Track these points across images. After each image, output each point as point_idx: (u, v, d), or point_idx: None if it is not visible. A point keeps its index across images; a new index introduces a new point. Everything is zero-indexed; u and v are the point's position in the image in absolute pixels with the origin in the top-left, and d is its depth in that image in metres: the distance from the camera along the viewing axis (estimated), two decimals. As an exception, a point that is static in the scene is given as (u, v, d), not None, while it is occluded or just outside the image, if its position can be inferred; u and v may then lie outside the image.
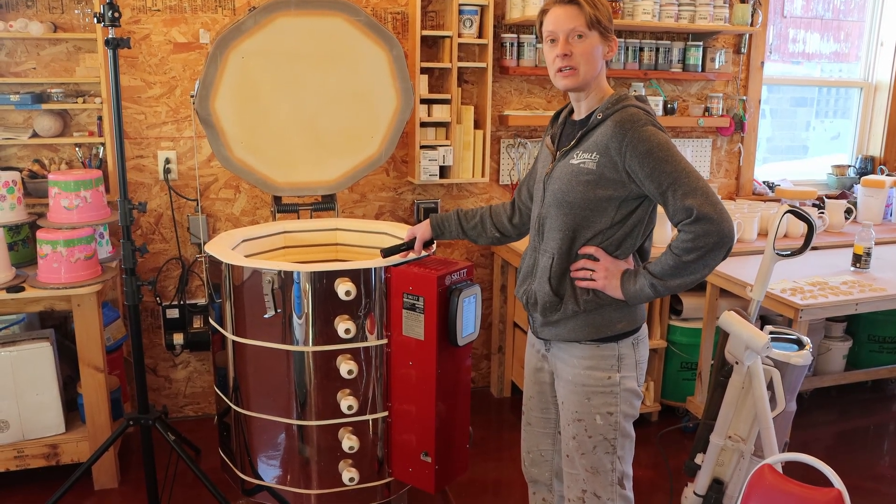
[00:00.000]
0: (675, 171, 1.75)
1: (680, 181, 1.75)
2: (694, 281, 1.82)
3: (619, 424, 1.98)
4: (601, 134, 1.84)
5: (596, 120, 1.87)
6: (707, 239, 1.73)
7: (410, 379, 2.36)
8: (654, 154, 1.76)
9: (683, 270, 1.79)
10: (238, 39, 2.77)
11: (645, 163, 1.77)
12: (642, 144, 1.77)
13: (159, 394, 3.58)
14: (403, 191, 3.70)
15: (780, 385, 2.37)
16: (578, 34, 1.84)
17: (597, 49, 1.86)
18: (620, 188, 1.84)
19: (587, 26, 1.84)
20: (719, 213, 1.73)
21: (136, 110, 3.30)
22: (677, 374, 3.65)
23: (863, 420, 3.83)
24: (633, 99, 1.88)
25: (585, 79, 1.87)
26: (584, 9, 1.83)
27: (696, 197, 1.74)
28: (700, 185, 1.75)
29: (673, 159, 1.76)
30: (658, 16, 3.58)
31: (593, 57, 1.86)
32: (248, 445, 2.51)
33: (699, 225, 1.73)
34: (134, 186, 3.36)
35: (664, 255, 1.82)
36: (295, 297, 2.30)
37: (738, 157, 4.23)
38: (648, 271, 1.84)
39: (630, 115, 1.81)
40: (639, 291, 1.85)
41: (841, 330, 4.00)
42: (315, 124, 2.99)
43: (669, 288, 1.82)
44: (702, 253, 1.75)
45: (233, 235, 2.70)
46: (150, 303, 3.45)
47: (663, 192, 1.77)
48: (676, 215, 1.77)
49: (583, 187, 1.86)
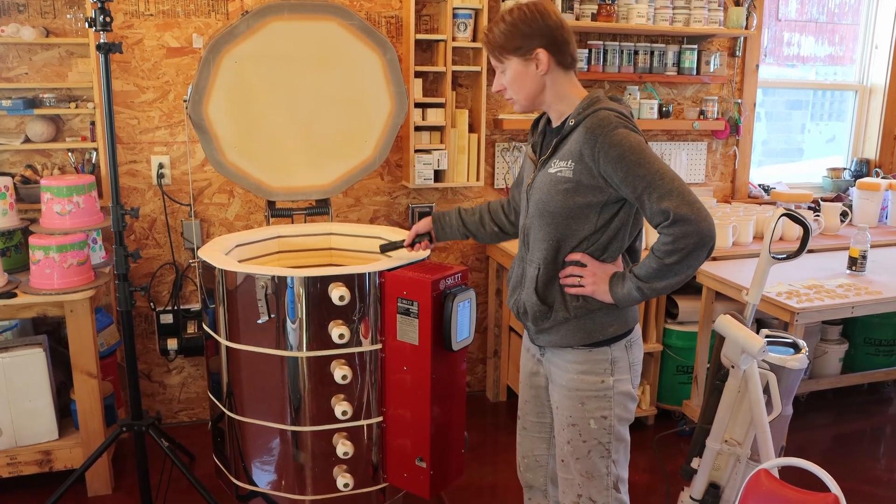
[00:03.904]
0: (648, 173, 1.74)
1: (654, 184, 1.73)
2: (680, 282, 1.81)
3: (613, 428, 1.96)
4: (574, 141, 1.83)
5: (569, 126, 1.86)
6: (686, 240, 1.72)
7: (405, 384, 2.35)
8: (626, 158, 1.74)
9: (667, 272, 1.78)
10: (231, 43, 2.76)
11: (618, 167, 1.75)
12: (614, 149, 1.75)
13: (154, 399, 3.56)
14: (398, 195, 3.69)
15: (777, 389, 2.37)
16: (499, 70, 1.91)
17: (519, 74, 1.87)
18: (599, 193, 1.82)
19: (497, 60, 1.89)
20: (696, 213, 1.71)
21: (129, 115, 3.29)
22: (673, 378, 3.64)
23: (859, 423, 3.83)
24: (605, 101, 1.86)
25: (525, 102, 1.92)
26: (488, 46, 1.90)
27: (671, 199, 1.72)
28: (675, 186, 1.73)
29: (646, 161, 1.74)
30: (653, 19, 3.58)
31: (521, 82, 1.88)
32: (241, 451, 2.50)
33: (677, 227, 1.72)
34: (127, 191, 3.35)
35: (648, 258, 1.81)
36: (288, 302, 2.29)
37: (733, 161, 4.23)
38: (634, 274, 1.83)
39: (601, 118, 1.79)
40: (627, 294, 1.84)
41: (837, 333, 4.00)
42: (309, 129, 2.97)
43: (655, 290, 1.82)
44: (683, 255, 1.74)
45: (226, 240, 2.69)
46: (144, 308, 3.44)
47: (639, 196, 1.76)
48: (654, 218, 1.76)
49: (562, 196, 1.85)
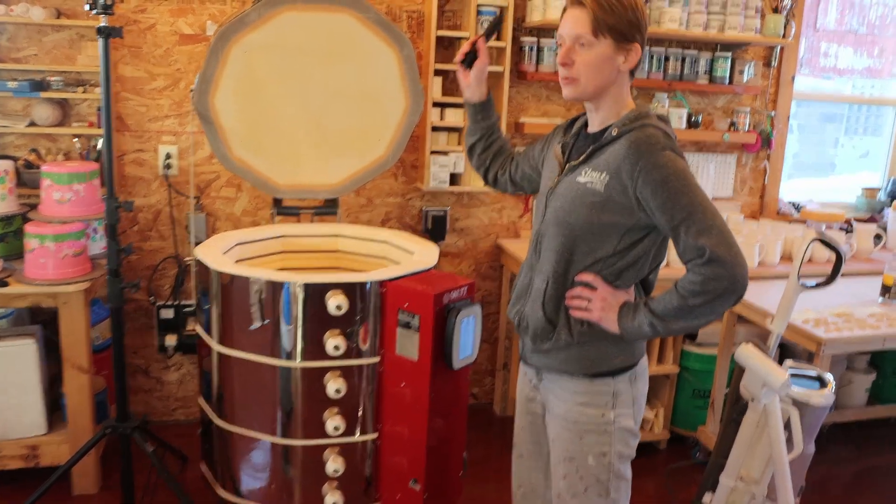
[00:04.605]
0: (690, 204, 1.59)
1: (695, 216, 1.59)
2: (698, 325, 1.67)
3: (612, 466, 1.81)
4: (614, 153, 1.68)
5: (610, 136, 1.70)
6: (717, 283, 1.58)
7: (402, 401, 2.22)
8: (669, 183, 1.60)
9: (688, 314, 1.63)
10: (241, 32, 2.65)
11: (658, 192, 1.60)
12: (658, 171, 1.61)
13: (151, 395, 3.47)
14: (412, 197, 3.56)
15: (799, 426, 2.21)
16: (582, 42, 1.67)
17: (605, 59, 1.68)
18: (628, 215, 1.67)
19: (593, 33, 1.65)
20: (734, 257, 1.57)
21: (139, 102, 3.19)
22: (689, 402, 3.48)
23: (884, 458, 3.64)
24: (654, 118, 1.70)
25: (588, 90, 1.71)
26: (590, 13, 1.65)
27: (710, 236, 1.57)
28: (717, 224, 1.59)
29: (690, 191, 1.60)
30: (686, 24, 3.40)
31: (599, 68, 1.68)
32: (229, 460, 2.39)
33: (710, 267, 1.57)
34: (133, 181, 3.25)
35: (669, 294, 1.65)
36: (284, 308, 2.17)
37: (763, 176, 4.04)
38: (650, 309, 1.68)
39: (647, 135, 1.64)
40: (637, 329, 1.69)
41: (865, 362, 3.82)
42: (319, 124, 2.85)
43: (671, 330, 1.67)
44: (709, 298, 1.59)
45: (227, 238, 2.58)
46: (144, 301, 3.34)
47: (675, 227, 1.61)
48: (687, 253, 1.62)
49: (587, 210, 1.70)
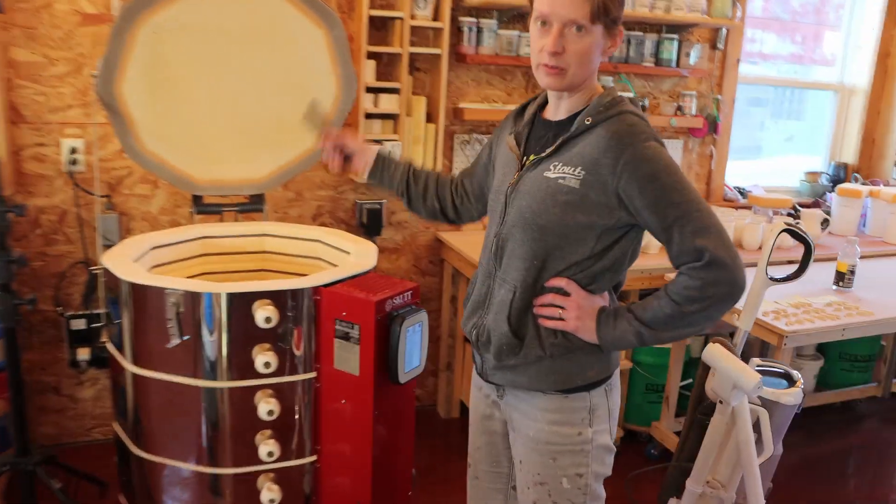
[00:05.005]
0: (684, 202, 1.42)
1: (690, 215, 1.42)
2: (689, 334, 1.50)
3: (589, 487, 1.64)
4: (590, 145, 1.48)
5: (583, 125, 1.51)
6: (717, 289, 1.41)
7: (343, 419, 2.00)
8: (659, 179, 1.42)
9: (680, 321, 1.46)
10: (149, 10, 2.35)
11: (647, 189, 1.42)
12: (645, 165, 1.42)
13: (63, 415, 3.14)
14: (344, 189, 3.31)
15: (769, 427, 2.09)
16: (578, 26, 1.45)
17: (596, 47, 1.48)
18: (606, 215, 1.49)
19: (590, 18, 1.44)
20: (734, 259, 1.41)
21: (36, 90, 2.85)
22: (642, 397, 3.36)
23: (831, 443, 3.62)
24: (628, 103, 1.52)
25: (575, 81, 1.51)
26: None
27: (709, 237, 1.41)
28: (714, 223, 1.42)
29: (682, 187, 1.43)
30: (632, 4, 3.25)
31: (589, 57, 1.49)
32: (150, 492, 2.12)
33: (710, 271, 1.40)
34: (33, 179, 2.91)
35: (660, 301, 1.48)
36: (205, 322, 1.92)
37: (709, 161, 3.95)
38: (636, 317, 1.50)
39: (628, 124, 1.46)
40: (619, 337, 1.51)
41: (812, 348, 3.78)
42: (242, 113, 2.58)
43: (659, 339, 1.50)
44: (708, 304, 1.42)
45: (140, 241, 2.29)
46: (51, 312, 3.01)
47: (668, 227, 1.43)
48: (682, 256, 1.44)
49: (560, 209, 1.50)
